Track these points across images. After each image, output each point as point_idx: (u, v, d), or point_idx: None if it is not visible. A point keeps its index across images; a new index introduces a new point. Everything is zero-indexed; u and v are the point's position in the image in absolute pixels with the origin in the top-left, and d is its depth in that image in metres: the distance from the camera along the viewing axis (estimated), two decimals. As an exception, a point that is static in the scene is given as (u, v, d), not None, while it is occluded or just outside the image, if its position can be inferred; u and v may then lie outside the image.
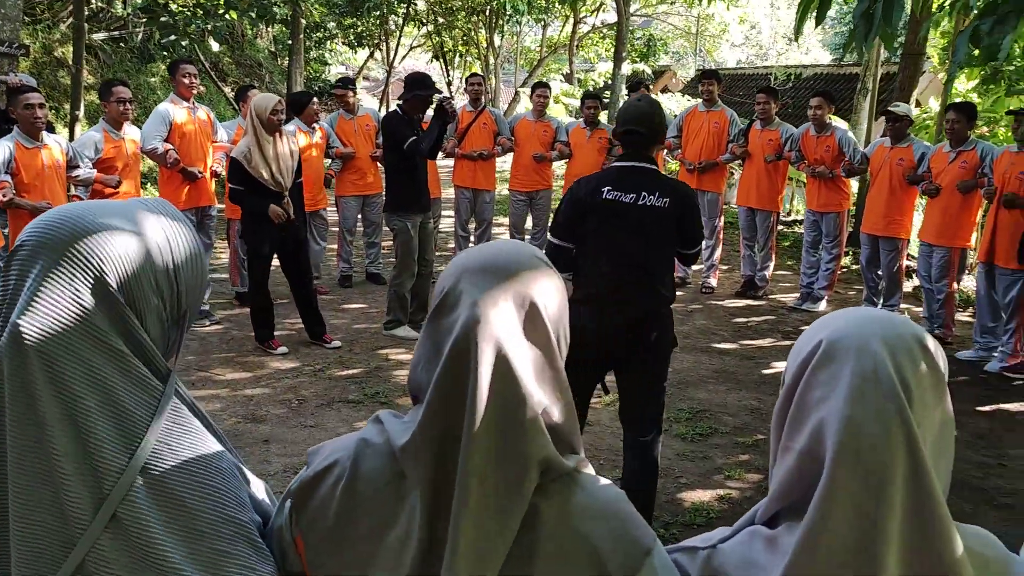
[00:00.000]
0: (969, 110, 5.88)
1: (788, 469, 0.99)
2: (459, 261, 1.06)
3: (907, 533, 0.91)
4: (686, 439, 4.39)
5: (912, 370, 0.95)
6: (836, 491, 0.91)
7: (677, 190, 3.18)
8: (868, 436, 0.91)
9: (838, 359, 0.96)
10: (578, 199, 3.17)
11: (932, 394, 0.96)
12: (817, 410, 0.96)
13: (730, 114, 7.25)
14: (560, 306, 1.06)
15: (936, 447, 0.96)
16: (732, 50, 29.29)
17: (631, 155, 3.16)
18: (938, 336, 6.09)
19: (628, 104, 3.30)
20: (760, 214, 7.16)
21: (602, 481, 1.03)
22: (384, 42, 23.78)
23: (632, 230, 3.07)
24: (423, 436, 0.97)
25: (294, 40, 14.59)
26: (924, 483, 0.91)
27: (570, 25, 21.10)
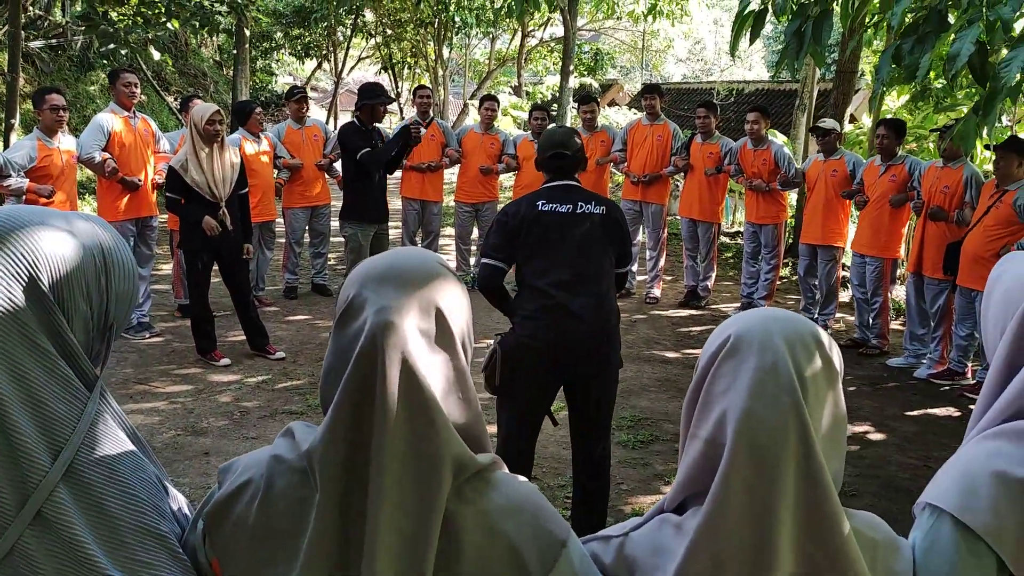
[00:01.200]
0: (898, 126, 6.12)
1: (694, 457, 1.05)
2: (361, 270, 1.07)
3: (798, 516, 0.98)
4: (628, 446, 4.46)
5: (809, 366, 1.03)
6: (733, 477, 0.98)
7: (608, 201, 3.27)
8: (764, 426, 0.98)
9: (742, 353, 1.03)
10: (512, 217, 3.15)
11: (826, 388, 1.04)
12: (721, 400, 1.02)
13: (673, 127, 7.41)
14: (465, 311, 1.10)
15: (829, 438, 1.03)
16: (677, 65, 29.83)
17: (559, 177, 3.20)
18: (874, 345, 6.30)
19: (551, 131, 3.37)
20: (702, 225, 7.32)
21: (514, 478, 1.07)
22: (332, 53, 23.66)
23: (574, 238, 3.09)
24: (332, 440, 0.98)
25: (239, 50, 14.44)
26: (815, 470, 0.98)
27: (518, 38, 21.27)
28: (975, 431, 1.21)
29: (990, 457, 1.12)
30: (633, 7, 16.94)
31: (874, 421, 5.04)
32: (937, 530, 1.10)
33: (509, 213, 3.18)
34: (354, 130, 5.86)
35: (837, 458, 1.06)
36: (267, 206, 6.71)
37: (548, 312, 3.06)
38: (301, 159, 6.94)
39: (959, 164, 5.59)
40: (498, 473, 1.06)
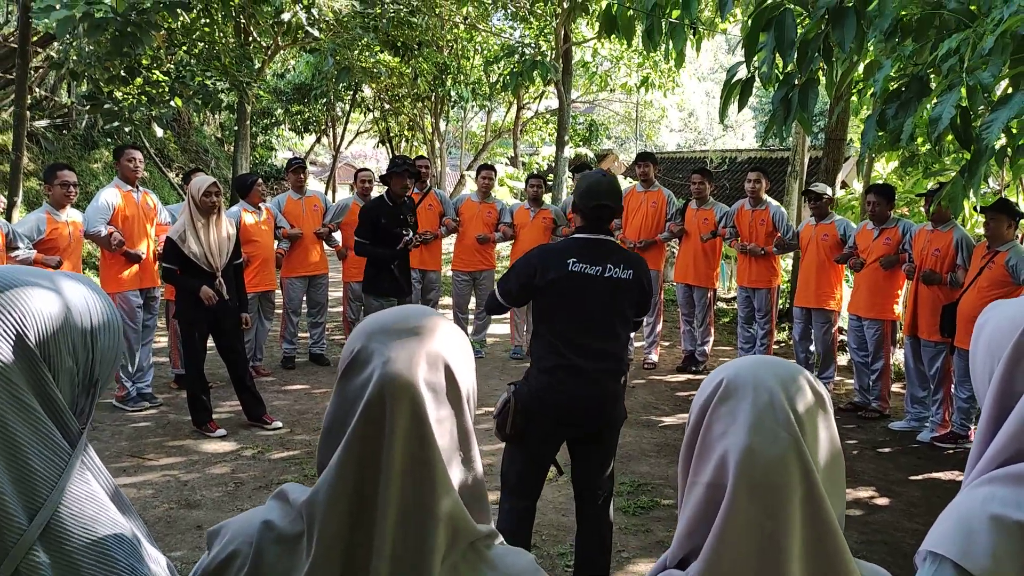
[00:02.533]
0: (888, 192, 6.22)
1: (695, 504, 1.05)
2: (366, 324, 1.08)
3: (806, 553, 0.98)
4: (628, 512, 4.40)
5: (803, 402, 1.05)
6: (736, 514, 0.98)
7: (637, 261, 3.23)
8: (766, 461, 0.99)
9: (737, 395, 1.05)
10: (538, 271, 3.12)
11: (821, 423, 1.06)
12: (721, 442, 1.03)
13: (667, 194, 7.52)
14: (471, 369, 1.11)
15: (828, 474, 1.04)
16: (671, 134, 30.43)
17: (594, 228, 3.17)
18: (875, 409, 6.27)
19: (598, 180, 3.22)
20: (697, 290, 7.36)
21: (511, 552, 1.06)
22: (331, 128, 24.14)
23: (601, 301, 3.09)
24: (336, 492, 0.97)
25: (240, 126, 14.73)
26: (818, 502, 0.99)
27: (514, 111, 21.73)
28: (970, 477, 1.21)
29: (986, 502, 1.13)
30: (626, 79, 17.39)
31: (878, 486, 4.98)
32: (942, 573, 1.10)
33: (534, 263, 3.14)
34: (374, 207, 6.02)
35: (838, 498, 1.07)
36: (267, 276, 6.76)
37: (565, 372, 3.09)
38: (300, 229, 7.02)
39: (948, 227, 5.66)
40: (496, 547, 1.05)
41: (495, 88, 15.94)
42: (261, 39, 15.40)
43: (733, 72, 5.40)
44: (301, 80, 20.87)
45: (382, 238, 5.93)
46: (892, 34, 4.20)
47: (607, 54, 16.83)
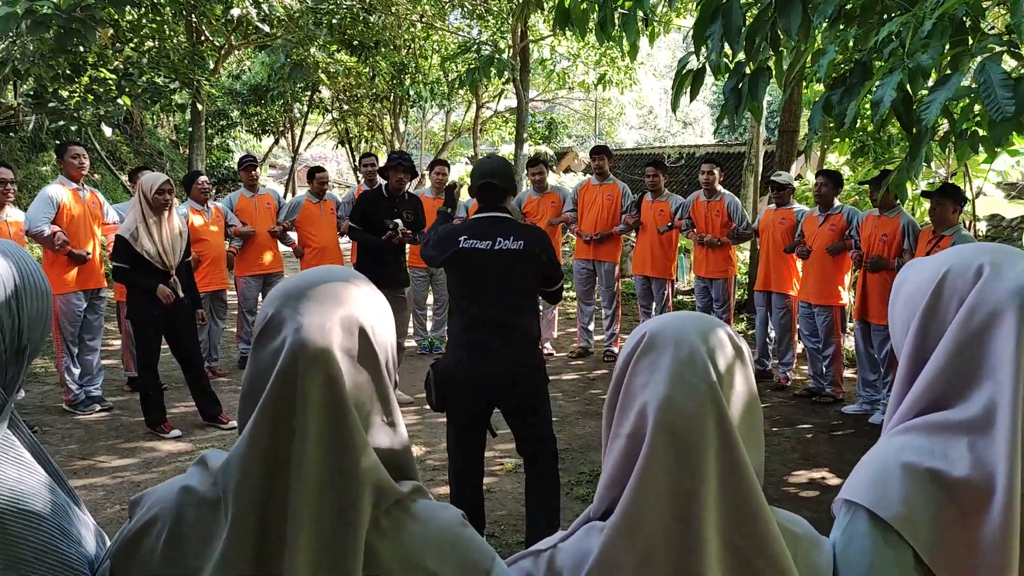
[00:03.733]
0: (835, 176, 6.32)
1: (616, 456, 1.05)
2: (278, 289, 1.06)
3: (722, 503, 0.99)
4: (587, 500, 4.40)
5: (722, 356, 1.05)
6: (654, 463, 0.98)
7: (530, 232, 3.38)
8: (683, 412, 1.00)
9: (658, 348, 1.06)
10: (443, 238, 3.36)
11: (739, 376, 1.07)
12: (641, 394, 1.04)
13: (622, 187, 7.56)
14: (389, 332, 1.09)
15: (747, 426, 1.05)
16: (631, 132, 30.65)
17: (487, 207, 3.37)
18: (829, 394, 6.36)
19: (482, 161, 3.52)
20: (655, 282, 7.41)
21: (437, 507, 1.05)
22: (289, 129, 23.90)
23: (496, 275, 3.25)
24: (249, 461, 0.95)
25: (194, 128, 14.51)
26: (734, 451, 1.00)
27: (473, 110, 21.72)
28: (888, 426, 1.23)
29: (901, 451, 1.15)
30: (584, 77, 17.47)
31: (832, 467, 5.05)
32: (854, 524, 1.13)
33: (440, 235, 3.39)
34: (369, 196, 6.13)
35: (756, 449, 1.07)
36: (218, 275, 6.66)
37: (471, 349, 3.28)
38: (254, 227, 6.93)
39: (895, 213, 5.76)
40: (420, 503, 1.04)
41: (453, 87, 15.91)
42: (214, 38, 15.20)
43: (684, 62, 5.44)
44: (257, 81, 20.65)
45: (370, 227, 5.94)
46: (836, 20, 4.26)
47: (565, 51, 16.90)
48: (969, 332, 1.15)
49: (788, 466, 5.00)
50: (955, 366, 1.16)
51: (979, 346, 1.14)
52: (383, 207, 5.95)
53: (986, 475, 1.08)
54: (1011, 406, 1.08)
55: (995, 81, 2.96)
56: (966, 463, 1.10)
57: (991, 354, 1.13)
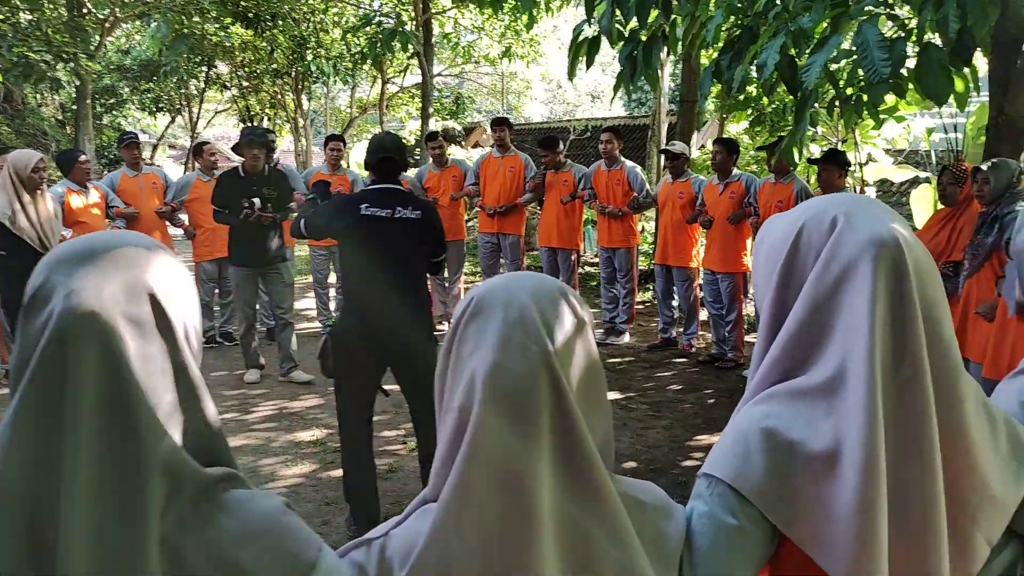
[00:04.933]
0: (730, 144, 6.40)
1: (448, 430, 0.97)
2: (51, 255, 0.92)
3: (557, 468, 0.92)
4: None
5: (557, 318, 0.98)
6: (484, 434, 0.90)
7: (425, 204, 3.74)
8: (514, 377, 0.92)
9: (487, 311, 0.98)
10: (339, 209, 3.63)
11: (578, 341, 1.00)
12: (470, 362, 0.96)
13: (524, 158, 7.48)
14: (185, 298, 0.96)
15: (584, 390, 0.98)
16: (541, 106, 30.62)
17: (384, 179, 3.60)
18: (731, 359, 6.47)
19: (380, 137, 3.78)
20: (561, 253, 7.38)
21: (254, 496, 0.94)
22: (186, 107, 22.93)
23: (394, 240, 3.47)
24: (14, 451, 0.82)
25: (80, 106, 13.74)
26: (570, 418, 0.93)
27: (379, 86, 21.27)
28: (749, 392, 1.18)
29: (762, 420, 1.10)
30: (489, 51, 17.29)
31: (732, 430, 5.13)
32: (711, 498, 1.07)
33: (334, 210, 3.65)
34: (225, 176, 5.96)
35: (597, 417, 1.00)
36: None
37: (367, 307, 3.49)
38: (138, 208, 6.56)
39: (789, 179, 5.87)
40: (233, 492, 0.92)
41: (357, 61, 15.50)
42: (97, 10, 14.38)
43: (579, 30, 5.39)
44: (148, 56, 19.69)
45: (231, 208, 5.76)
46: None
47: (469, 24, 16.67)
48: (824, 287, 1.10)
49: (690, 431, 5.06)
50: (812, 324, 1.11)
51: (834, 302, 1.09)
52: (241, 187, 5.74)
53: (841, 443, 1.04)
54: (866, 364, 1.03)
55: (872, 43, 2.99)
56: (826, 432, 1.05)
57: (845, 310, 1.08)
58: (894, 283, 1.05)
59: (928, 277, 1.08)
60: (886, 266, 1.06)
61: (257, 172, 5.79)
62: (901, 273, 1.05)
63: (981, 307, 3.99)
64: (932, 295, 1.08)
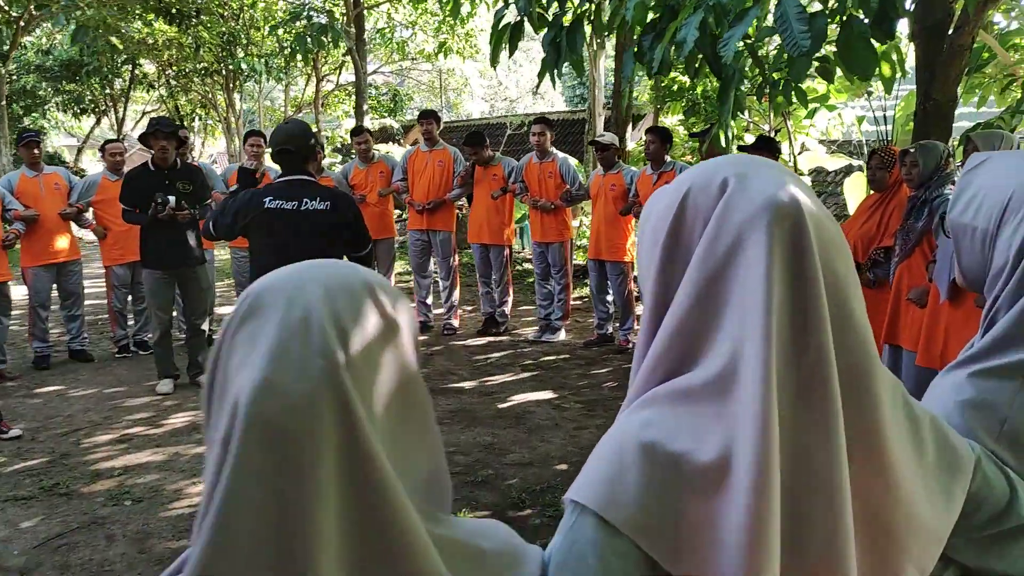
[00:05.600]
0: (663, 132, 6.25)
1: (210, 472, 0.72)
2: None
3: (345, 520, 0.68)
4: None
5: (355, 320, 0.73)
6: (245, 475, 0.66)
7: (337, 195, 3.50)
8: (287, 399, 0.67)
9: (263, 312, 0.73)
10: (241, 204, 3.41)
11: (383, 347, 0.75)
12: (236, 379, 0.71)
13: (453, 152, 7.25)
14: None
15: (396, 413, 0.75)
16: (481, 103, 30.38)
17: (289, 170, 3.42)
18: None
19: (282, 127, 3.58)
20: (493, 249, 7.16)
21: None
22: (112, 108, 22.11)
23: (301, 232, 3.31)
24: None
25: (-8, 106, 13.08)
26: (363, 454, 0.68)
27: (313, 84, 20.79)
28: (629, 397, 0.96)
29: (640, 431, 0.87)
30: (424, 46, 17.00)
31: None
32: (577, 530, 0.84)
33: (238, 205, 3.42)
34: (134, 172, 5.63)
35: (419, 448, 0.77)
36: (-1, 266, 5.87)
37: None
38: (40, 210, 6.14)
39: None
40: None
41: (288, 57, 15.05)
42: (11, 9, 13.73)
43: (500, 15, 5.17)
44: (70, 55, 18.92)
45: (142, 205, 5.41)
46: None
47: (402, 19, 16.35)
48: (713, 262, 0.88)
49: (624, 429, 4.88)
50: (699, 309, 0.88)
51: (724, 280, 0.87)
52: (151, 183, 5.40)
53: (731, 452, 0.82)
54: (759, 356, 0.82)
55: (791, 15, 2.83)
56: (716, 440, 0.83)
57: (737, 289, 0.86)
58: (793, 255, 0.84)
59: (835, 249, 0.88)
60: (783, 234, 0.84)
61: (169, 166, 5.46)
62: (801, 243, 0.84)
63: (912, 293, 3.89)
64: (840, 271, 0.87)
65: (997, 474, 0.99)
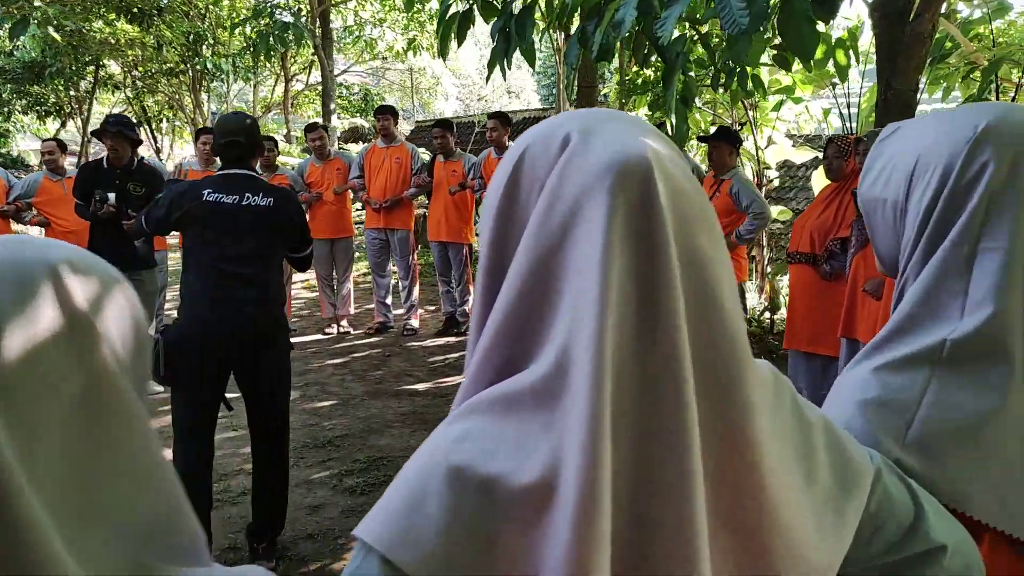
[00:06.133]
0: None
1: None
2: None
3: None
4: (355, 492, 3.92)
5: (17, 315, 0.56)
6: None
7: (279, 192, 3.28)
8: None
9: None
10: (178, 197, 3.16)
11: (62, 351, 0.58)
12: None
13: (411, 148, 7.06)
14: None
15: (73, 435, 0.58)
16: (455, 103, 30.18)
17: (231, 163, 3.23)
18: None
19: (225, 119, 3.36)
20: (452, 247, 6.98)
21: None
22: (78, 110, 21.69)
23: (240, 229, 3.11)
24: None
25: (-53, 108, 12.72)
26: None
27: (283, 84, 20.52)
28: (457, 399, 0.79)
29: (452, 449, 0.69)
30: (393, 44, 16.79)
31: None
32: (364, 573, 0.66)
33: (173, 197, 3.20)
34: (87, 169, 5.48)
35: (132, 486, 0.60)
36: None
37: (209, 303, 3.08)
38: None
39: None
40: None
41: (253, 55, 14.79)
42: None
43: (447, 5, 5.01)
44: (31, 57, 18.52)
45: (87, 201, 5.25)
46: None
47: (370, 16, 16.13)
48: (547, 235, 0.70)
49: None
50: (531, 292, 0.71)
51: (559, 255, 0.70)
52: (98, 179, 5.20)
53: (558, 472, 0.65)
54: (590, 352, 0.65)
55: (730, -9, 2.67)
56: (542, 456, 0.66)
57: (572, 266, 0.69)
58: (638, 225, 0.67)
59: (699, 223, 0.71)
60: (628, 200, 0.67)
61: (123, 165, 5.24)
62: (649, 210, 0.67)
63: (868, 284, 3.76)
64: (703, 248, 0.70)
65: (900, 488, 0.83)
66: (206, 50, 17.74)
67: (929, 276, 0.95)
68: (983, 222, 0.93)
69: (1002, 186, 0.92)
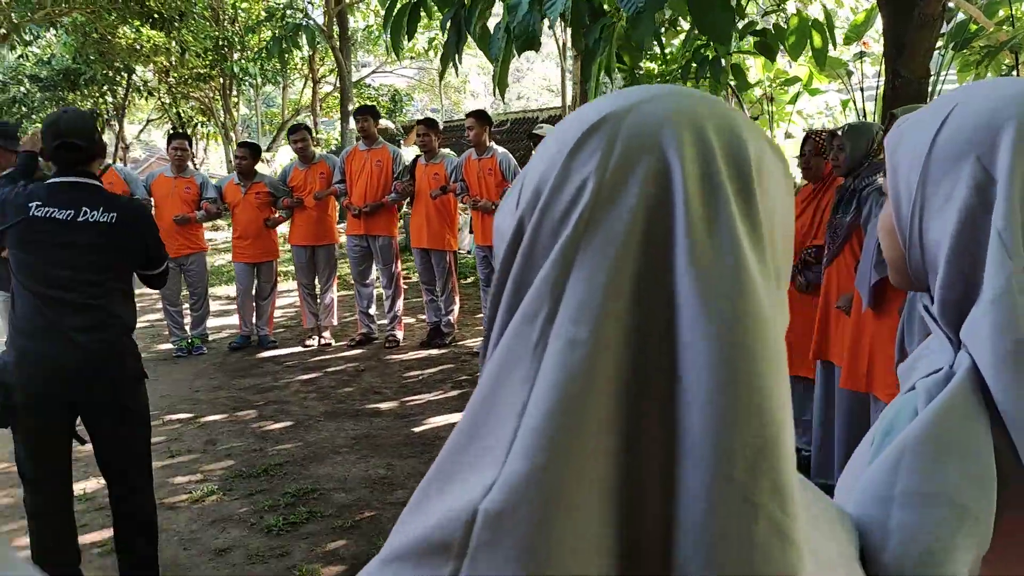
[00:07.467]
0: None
1: None
2: None
3: None
4: (271, 532, 3.57)
5: None
6: None
7: (127, 204, 2.92)
8: None
9: None
10: (3, 208, 2.76)
11: None
12: None
13: (392, 150, 6.73)
14: None
15: None
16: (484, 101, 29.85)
17: (67, 170, 2.77)
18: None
19: (55, 118, 2.85)
20: (435, 254, 6.63)
21: None
22: (116, 117, 22.00)
23: (74, 251, 2.72)
24: None
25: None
26: None
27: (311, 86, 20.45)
28: None
29: None
30: (414, 43, 16.52)
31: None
32: None
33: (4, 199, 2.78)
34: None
35: None
36: None
37: (41, 334, 2.70)
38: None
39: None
40: None
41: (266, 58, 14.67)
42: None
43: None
44: (67, 64, 18.81)
45: None
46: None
47: (390, 16, 15.89)
48: None
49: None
50: None
51: None
52: None
53: None
54: None
55: (629, -34, 2.26)
56: None
57: None
58: None
59: None
60: None
61: None
62: None
63: (841, 300, 3.27)
64: None
65: None
66: (235, 54, 17.76)
67: None
68: None
69: None
